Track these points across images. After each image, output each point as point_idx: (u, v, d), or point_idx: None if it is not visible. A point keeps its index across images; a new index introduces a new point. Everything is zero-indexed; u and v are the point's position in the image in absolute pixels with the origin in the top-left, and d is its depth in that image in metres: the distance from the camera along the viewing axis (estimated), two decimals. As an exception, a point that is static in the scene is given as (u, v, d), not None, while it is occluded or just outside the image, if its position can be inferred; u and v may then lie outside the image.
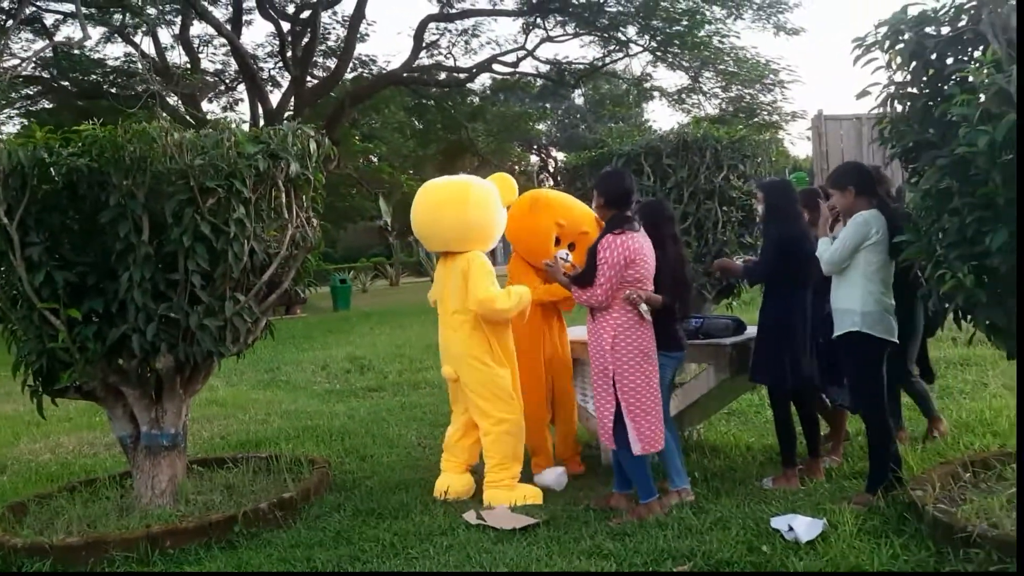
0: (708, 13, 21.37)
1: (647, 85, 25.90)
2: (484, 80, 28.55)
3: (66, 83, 23.42)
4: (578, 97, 40.82)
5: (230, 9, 23.25)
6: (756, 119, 23.62)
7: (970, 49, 3.59)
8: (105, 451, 6.43)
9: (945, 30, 3.65)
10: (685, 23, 21.59)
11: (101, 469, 5.77)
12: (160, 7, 22.85)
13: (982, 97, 3.18)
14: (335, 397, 8.32)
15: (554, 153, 42.79)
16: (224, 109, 29.41)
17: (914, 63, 3.70)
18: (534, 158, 43.21)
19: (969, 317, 3.51)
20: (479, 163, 30.57)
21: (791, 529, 3.70)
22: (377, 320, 15.90)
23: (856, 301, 4.03)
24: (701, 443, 5.41)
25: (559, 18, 23.64)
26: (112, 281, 4.43)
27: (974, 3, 3.46)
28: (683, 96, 25.80)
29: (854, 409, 4.44)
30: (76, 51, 23.15)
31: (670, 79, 29.93)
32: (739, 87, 22.37)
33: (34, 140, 4.30)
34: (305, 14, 23.23)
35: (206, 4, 23.83)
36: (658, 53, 23.28)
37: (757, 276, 4.78)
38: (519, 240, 5.13)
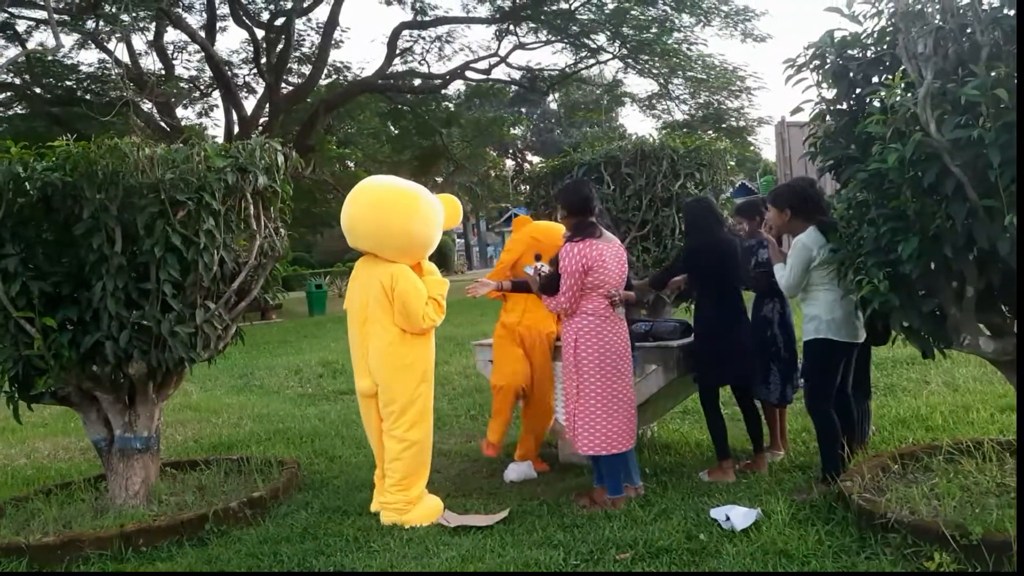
0: (677, 21, 21.75)
1: (618, 91, 26.21)
2: (458, 86, 28.88)
3: (39, 90, 23.37)
4: (553, 102, 41.21)
5: (204, 16, 23.33)
6: (724, 125, 24.04)
7: (892, 69, 3.88)
8: (80, 455, 6.59)
9: (870, 52, 3.95)
10: (655, 31, 21.96)
11: (76, 472, 5.93)
12: (134, 14, 22.91)
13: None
14: (307, 401, 8.52)
15: (529, 157, 43.13)
16: (199, 115, 29.43)
17: (840, 82, 3.99)
18: (509, 163, 43.48)
19: (889, 320, 3.76)
20: (454, 168, 30.78)
21: (728, 519, 3.96)
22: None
23: (822, 308, 4.30)
24: (654, 441, 5.67)
25: (531, 25, 23.94)
26: (86, 290, 4.61)
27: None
28: (653, 102, 26.24)
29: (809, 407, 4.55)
30: (50, 57, 23.20)
31: (641, 85, 30.42)
32: (707, 93, 22.76)
33: (9, 156, 4.48)
34: (279, 21, 23.37)
35: (180, 11, 23.92)
36: (628, 60, 23.65)
37: (659, 284, 5.21)
38: None
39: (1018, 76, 3.06)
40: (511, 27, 24.05)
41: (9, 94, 24.24)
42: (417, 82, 25.43)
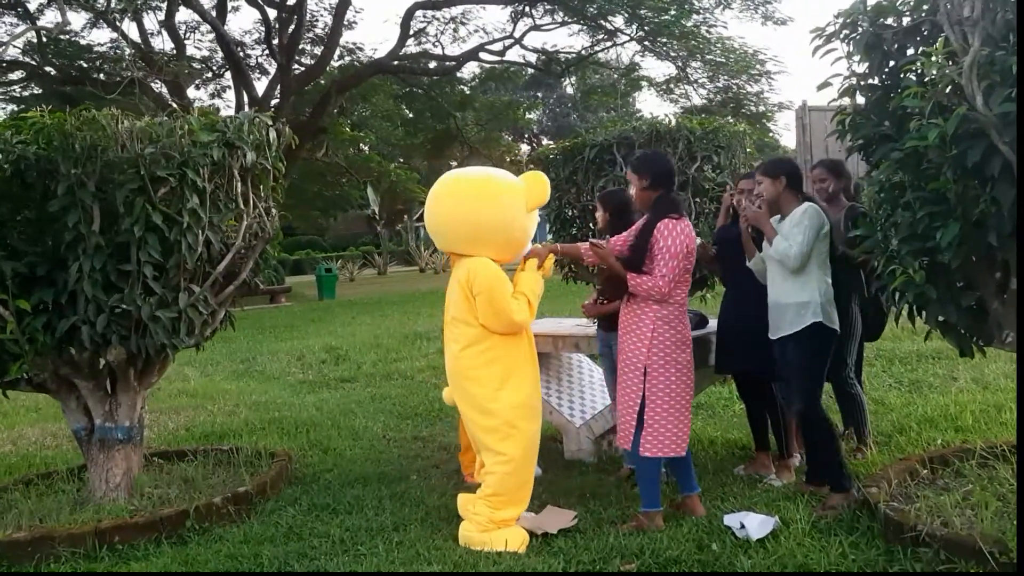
0: (696, 2, 21.28)
1: (635, 75, 25.80)
2: (473, 69, 28.50)
3: (51, 70, 23.18)
4: (569, 87, 40.73)
5: (215, -5, 23.06)
6: (744, 110, 23.58)
7: (929, 40, 3.54)
8: (68, 443, 6.34)
9: (906, 21, 3.60)
10: (673, 12, 21.49)
11: (62, 462, 5.70)
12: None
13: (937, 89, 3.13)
14: (307, 388, 8.26)
15: (545, 142, 42.75)
16: (212, 96, 29.25)
17: (872, 54, 3.65)
18: (525, 147, 43.13)
19: (923, 314, 3.44)
20: (468, 152, 30.44)
21: (743, 527, 3.65)
22: (360, 310, 15.83)
23: (815, 292, 3.98)
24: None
25: (547, 6, 23.52)
26: (63, 272, 4.34)
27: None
28: (671, 86, 25.78)
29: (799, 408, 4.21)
30: (62, 36, 22.99)
31: (658, 69, 29.99)
32: (726, 77, 22.30)
33: (-20, 128, 4.22)
34: (292, 1, 23.06)
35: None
36: (646, 43, 23.20)
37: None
38: None
39: (1018, 74, 2.74)
40: (527, 8, 23.64)
41: (21, 73, 24.10)
42: (432, 64, 25.12)
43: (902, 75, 3.48)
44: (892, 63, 3.65)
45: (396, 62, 23.08)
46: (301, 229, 41.94)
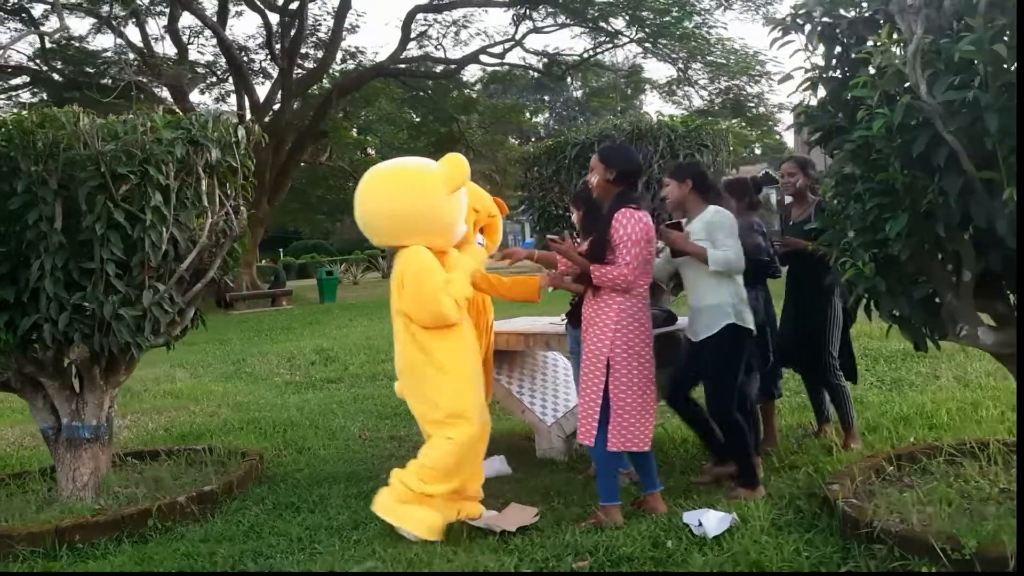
0: (697, 3, 21.23)
1: (636, 77, 25.76)
2: (476, 72, 28.51)
3: (55, 75, 23.32)
4: (576, 90, 40.68)
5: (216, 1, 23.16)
6: (747, 113, 23.51)
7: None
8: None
9: (864, 10, 3.55)
10: (675, 13, 21.45)
11: (38, 462, 5.69)
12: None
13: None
14: (292, 389, 8.25)
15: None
16: (216, 100, 29.35)
17: (830, 45, 3.60)
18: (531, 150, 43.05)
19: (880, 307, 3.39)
20: (473, 156, 30.44)
21: (700, 524, 3.61)
22: (357, 312, 15.83)
23: (727, 294, 4.03)
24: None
25: (549, 9, 23.52)
26: (26, 269, 4.33)
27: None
28: (673, 88, 25.72)
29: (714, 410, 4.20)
30: (67, 41, 23.14)
31: (661, 71, 29.93)
32: (726, 79, 22.22)
33: (-59, 126, 4.22)
34: (294, 5, 23.13)
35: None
36: (647, 44, 23.17)
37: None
38: None
39: (1018, 72, 2.69)
40: (528, 11, 23.65)
41: (26, 79, 24.24)
42: (433, 67, 25.13)
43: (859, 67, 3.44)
44: (852, 55, 3.62)
45: (397, 65, 23.13)
46: (306, 233, 42.04)
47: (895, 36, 3.02)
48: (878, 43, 3.02)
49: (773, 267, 4.60)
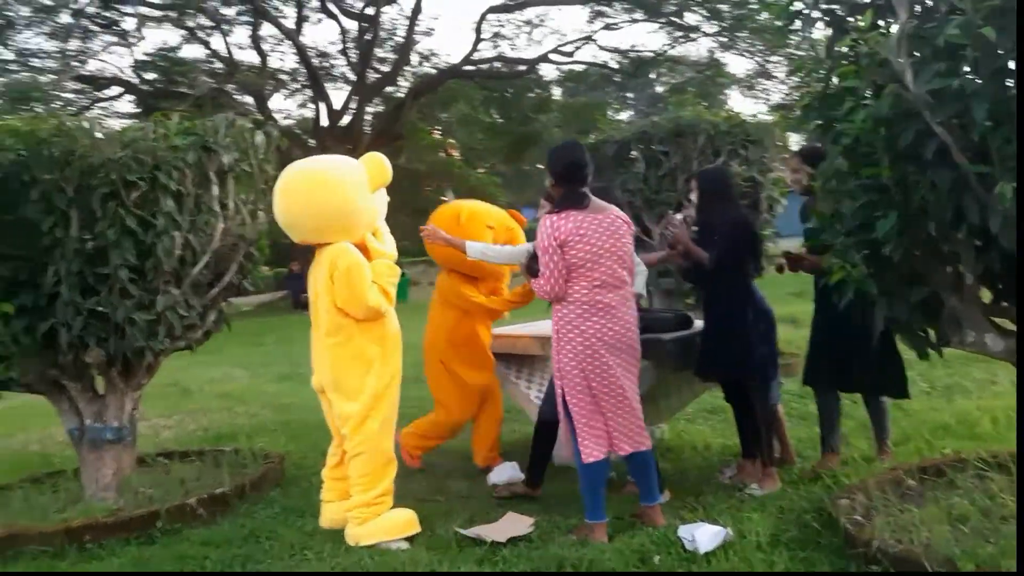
0: (773, -4, 20.58)
1: (711, 72, 25.20)
2: (554, 71, 28.36)
3: (145, 85, 24.24)
4: (659, 85, 40.10)
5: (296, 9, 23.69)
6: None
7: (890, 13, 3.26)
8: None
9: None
10: (754, 5, 20.89)
11: (74, 462, 5.85)
12: (236, 7, 23.52)
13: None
14: (338, 391, 8.30)
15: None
16: (299, 107, 30.11)
17: (834, 33, 3.39)
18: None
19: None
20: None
21: (693, 539, 3.44)
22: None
23: None
24: (659, 443, 5.14)
25: (625, 5, 23.24)
26: (45, 275, 4.46)
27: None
28: (753, 83, 25.07)
29: None
30: (159, 52, 24.09)
31: (741, 65, 29.14)
32: (803, 73, 21.42)
33: (-38, 136, 4.37)
34: (370, 10, 23.48)
35: (279, 2, 24.38)
36: (724, 38, 22.66)
37: (716, 261, 4.30)
38: (454, 256, 4.94)
39: (1018, 72, 2.46)
40: (604, 8, 23.43)
41: (120, 90, 25.30)
42: (504, 67, 25.11)
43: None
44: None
45: (469, 67, 23.22)
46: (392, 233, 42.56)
47: (873, 19, 2.80)
48: (859, 29, 2.80)
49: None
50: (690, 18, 22.97)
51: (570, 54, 23.72)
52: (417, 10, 21.48)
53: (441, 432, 5.22)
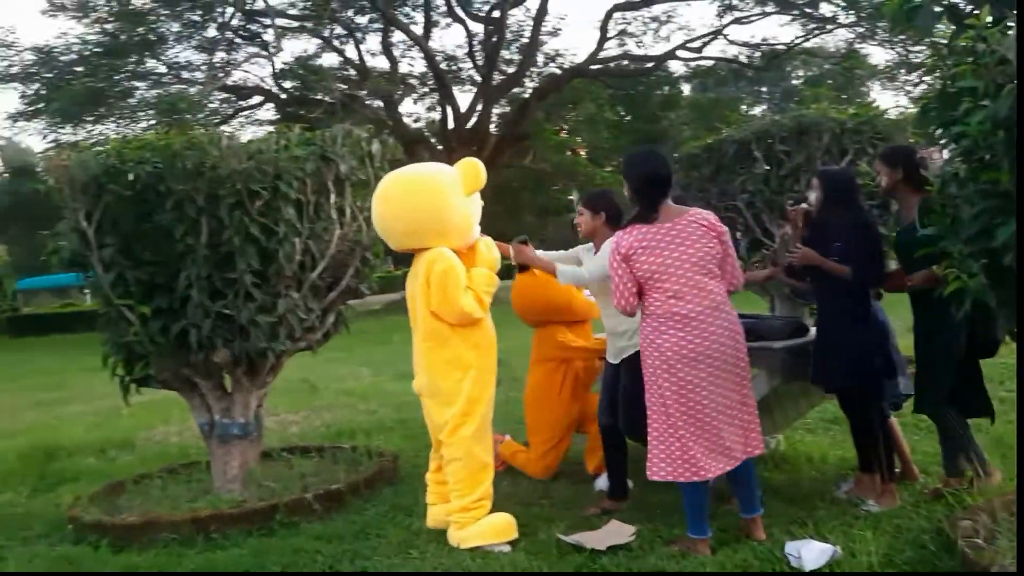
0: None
1: (848, 63, 24.22)
2: (679, 68, 27.95)
3: (282, 93, 25.41)
4: (795, 79, 38.87)
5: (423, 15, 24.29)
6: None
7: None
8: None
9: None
10: (891, -6, 19.94)
11: (207, 455, 6.21)
12: (369, 15, 24.37)
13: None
14: (456, 391, 8.47)
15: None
16: (428, 110, 30.79)
17: (956, 30, 3.20)
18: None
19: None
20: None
21: (799, 556, 3.33)
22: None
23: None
24: (775, 455, 4.99)
25: (757, -2, 22.68)
26: (177, 279, 4.75)
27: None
28: (895, 74, 23.93)
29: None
30: (297, 60, 25.17)
31: (881, 56, 27.80)
32: (950, 63, 20.29)
33: (107, 149, 4.71)
34: (496, 13, 23.79)
35: (409, 9, 25.08)
36: (862, 28, 21.73)
37: (871, 273, 4.03)
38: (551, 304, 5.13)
39: (1018, 72, 2.27)
40: (733, 1, 22.93)
41: (261, 99, 26.63)
42: (637, 65, 24.90)
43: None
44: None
45: (594, 66, 23.17)
46: (513, 234, 43.03)
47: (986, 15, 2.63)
48: (973, 26, 2.64)
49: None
50: (825, 8, 22.15)
51: (698, 50, 23.27)
52: (543, 11, 21.62)
53: (529, 471, 5.22)
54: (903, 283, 4.01)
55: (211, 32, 23.27)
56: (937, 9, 3.19)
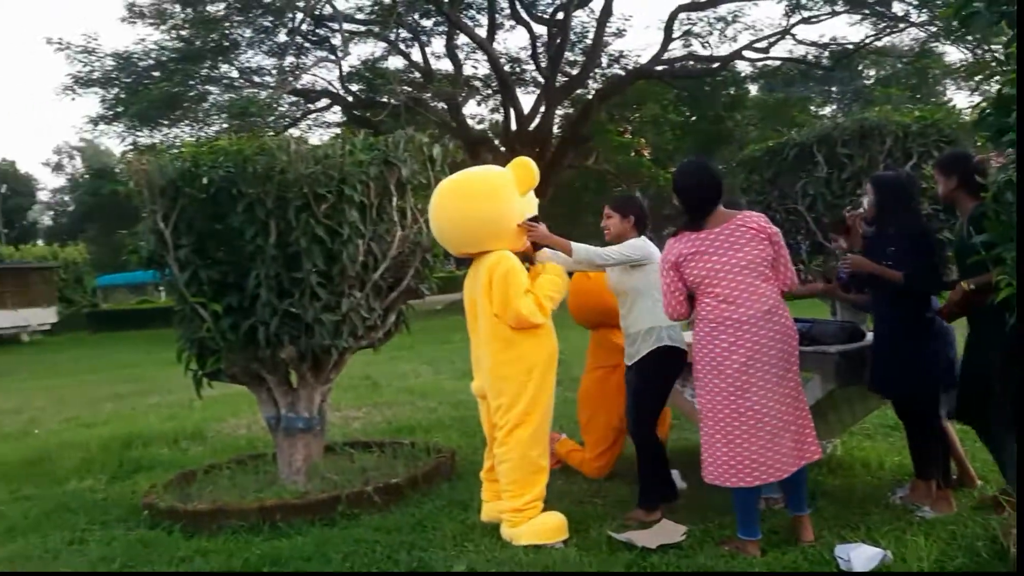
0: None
1: (922, 62, 23.64)
2: (746, 68, 27.63)
3: (349, 96, 25.89)
4: (867, 78, 38.09)
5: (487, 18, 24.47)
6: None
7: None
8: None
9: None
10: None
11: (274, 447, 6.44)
12: (434, 18, 24.68)
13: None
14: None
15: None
16: (491, 111, 31.06)
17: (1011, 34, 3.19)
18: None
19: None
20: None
21: (848, 559, 3.35)
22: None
23: (660, 318, 4.03)
24: (830, 459, 4.98)
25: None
26: (247, 279, 4.96)
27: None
28: (970, 72, 23.30)
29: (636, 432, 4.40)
30: (365, 64, 25.60)
31: (955, 55, 26.99)
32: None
33: (183, 154, 4.94)
34: (560, 15, 23.87)
35: (474, 12, 25.32)
36: (935, 26, 21.20)
37: (924, 279, 4.01)
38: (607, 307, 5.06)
39: (1018, 72, 2.25)
40: (801, 0, 22.60)
41: (328, 102, 27.14)
42: (702, 66, 24.71)
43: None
44: None
45: (659, 67, 23.07)
46: (576, 235, 43.01)
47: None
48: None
49: None
50: (897, 7, 21.68)
51: (765, 50, 22.99)
52: (607, 12, 21.60)
53: (584, 470, 5.30)
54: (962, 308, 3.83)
55: (281, 37, 23.87)
56: (994, 15, 3.18)
